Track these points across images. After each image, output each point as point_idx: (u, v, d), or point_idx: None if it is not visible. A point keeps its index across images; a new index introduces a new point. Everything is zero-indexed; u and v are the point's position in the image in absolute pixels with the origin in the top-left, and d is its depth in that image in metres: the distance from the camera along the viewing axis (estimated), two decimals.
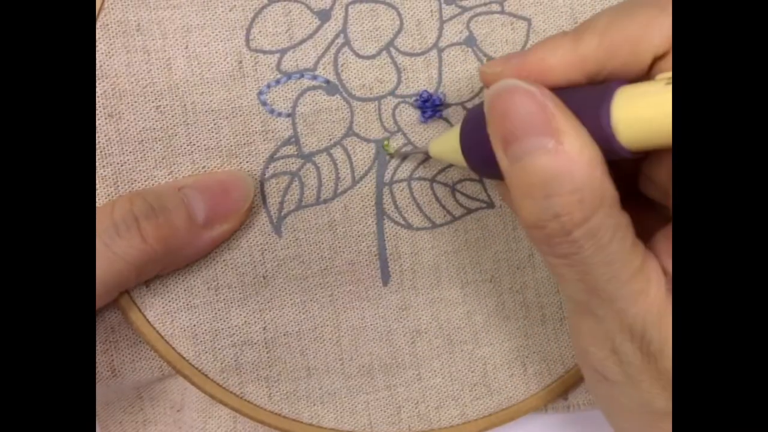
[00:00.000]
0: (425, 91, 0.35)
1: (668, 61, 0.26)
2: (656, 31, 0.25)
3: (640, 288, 0.25)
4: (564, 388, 0.38)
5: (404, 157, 0.35)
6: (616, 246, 0.25)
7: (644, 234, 0.29)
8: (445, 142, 0.31)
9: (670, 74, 0.25)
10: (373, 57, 0.34)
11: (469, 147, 0.29)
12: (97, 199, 0.32)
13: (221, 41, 0.33)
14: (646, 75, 0.26)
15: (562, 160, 0.25)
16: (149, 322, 0.33)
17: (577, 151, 0.25)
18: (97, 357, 0.34)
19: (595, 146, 0.25)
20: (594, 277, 0.26)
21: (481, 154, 0.28)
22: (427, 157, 0.35)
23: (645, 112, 0.24)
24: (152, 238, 0.30)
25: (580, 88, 0.27)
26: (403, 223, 0.35)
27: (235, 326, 0.34)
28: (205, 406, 0.36)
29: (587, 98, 0.25)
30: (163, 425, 0.36)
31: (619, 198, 0.25)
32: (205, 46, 0.33)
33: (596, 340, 0.27)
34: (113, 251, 0.30)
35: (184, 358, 0.34)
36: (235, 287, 0.34)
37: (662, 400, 0.26)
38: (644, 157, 0.27)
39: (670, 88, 0.23)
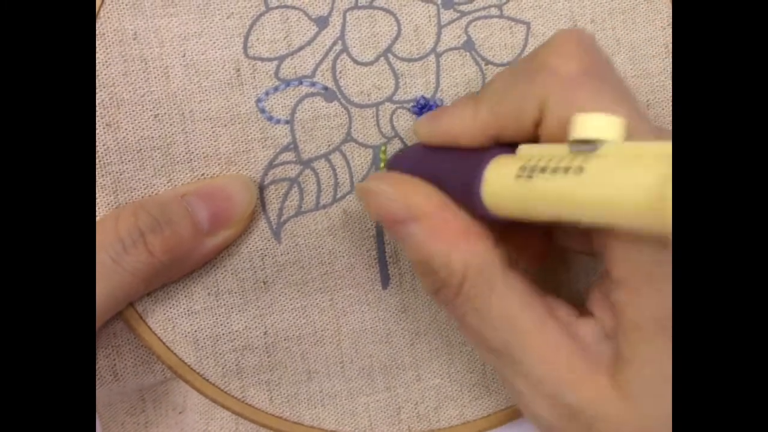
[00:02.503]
0: (422, 97, 0.34)
1: (541, 130, 0.27)
2: (530, 103, 0.27)
3: (541, 353, 0.26)
4: None
5: None
6: (497, 309, 0.27)
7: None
8: None
9: (530, 150, 0.27)
10: (371, 63, 0.34)
11: None
12: (97, 207, 0.32)
13: (219, 49, 0.33)
14: (534, 137, 0.28)
15: (426, 243, 0.27)
16: (151, 328, 0.34)
17: (437, 232, 0.27)
18: (100, 361, 0.34)
19: (461, 217, 0.28)
20: (488, 341, 0.27)
21: None
22: None
23: (503, 196, 0.26)
24: (159, 251, 0.31)
25: (468, 153, 0.29)
26: None
27: (236, 331, 0.35)
28: (207, 408, 0.36)
29: (468, 167, 0.27)
30: (164, 427, 0.37)
31: (498, 258, 0.27)
32: (202, 54, 0.33)
33: (517, 401, 0.28)
34: (121, 266, 0.30)
35: (185, 363, 0.34)
36: (236, 293, 0.34)
37: None
38: None
39: (519, 176, 0.25)
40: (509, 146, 0.28)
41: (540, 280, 0.29)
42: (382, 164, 0.35)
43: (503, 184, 0.26)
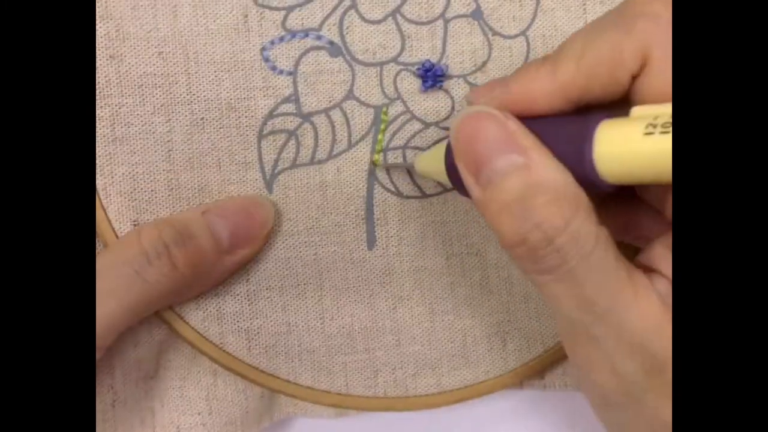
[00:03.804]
0: (428, 60, 0.35)
1: (643, 82, 0.26)
2: (627, 52, 0.26)
3: (632, 301, 0.25)
4: (542, 367, 0.38)
5: (388, 169, 0.35)
6: (599, 254, 0.25)
7: (644, 239, 0.29)
8: (431, 162, 0.31)
9: (648, 111, 0.25)
10: (378, 22, 0.34)
11: (454, 170, 0.29)
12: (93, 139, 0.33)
13: None
14: (627, 94, 0.26)
15: (533, 172, 0.25)
16: None
17: (545, 163, 0.25)
18: None
19: (559, 163, 0.26)
20: (585, 289, 0.25)
21: None
22: (424, 127, 0.35)
23: (627, 155, 0.24)
24: (182, 265, 0.31)
25: (561, 119, 0.27)
26: (393, 190, 0.36)
27: None
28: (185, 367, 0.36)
29: (569, 132, 0.26)
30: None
31: (594, 210, 0.26)
32: None
33: (595, 364, 0.27)
34: (145, 279, 0.30)
35: None
36: None
37: (669, 409, 0.26)
38: None
39: (651, 132, 0.23)
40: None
41: None
42: (383, 125, 0.35)
43: (629, 144, 0.24)
